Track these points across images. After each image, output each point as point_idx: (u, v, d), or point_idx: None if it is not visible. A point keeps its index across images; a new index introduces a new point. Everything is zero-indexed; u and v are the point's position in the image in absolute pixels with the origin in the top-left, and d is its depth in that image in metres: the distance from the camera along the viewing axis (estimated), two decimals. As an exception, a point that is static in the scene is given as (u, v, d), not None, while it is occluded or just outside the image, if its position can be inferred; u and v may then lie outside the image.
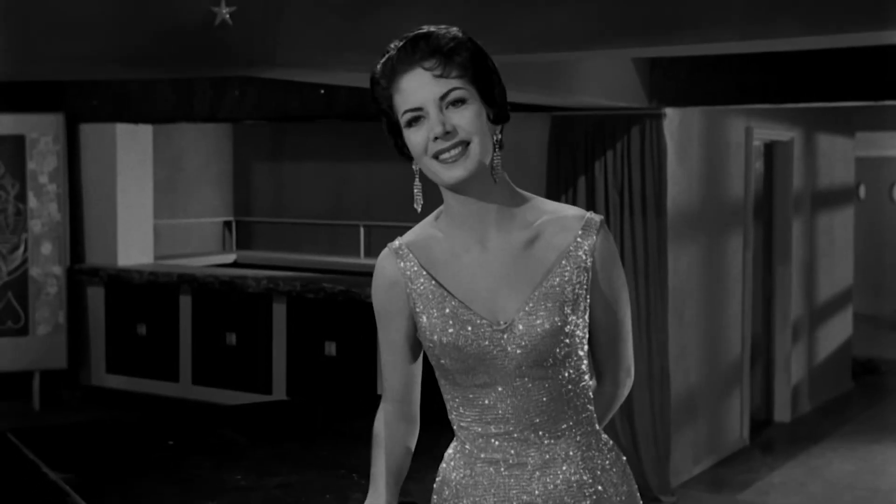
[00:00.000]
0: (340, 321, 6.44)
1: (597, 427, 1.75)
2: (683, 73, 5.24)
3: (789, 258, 7.04)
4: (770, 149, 6.99)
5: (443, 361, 1.69)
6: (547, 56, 3.54)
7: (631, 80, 5.21)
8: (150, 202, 7.56)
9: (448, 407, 1.74)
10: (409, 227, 1.75)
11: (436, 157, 1.62)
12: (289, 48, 3.39)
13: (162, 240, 8.13)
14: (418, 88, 1.62)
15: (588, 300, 1.70)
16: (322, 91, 6.32)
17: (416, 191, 1.67)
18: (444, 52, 1.62)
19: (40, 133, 7.27)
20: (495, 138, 1.68)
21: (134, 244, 7.47)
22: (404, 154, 1.68)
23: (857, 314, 8.41)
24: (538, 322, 1.65)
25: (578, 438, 1.70)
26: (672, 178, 5.43)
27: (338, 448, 1.71)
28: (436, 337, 1.68)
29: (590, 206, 5.41)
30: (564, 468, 1.68)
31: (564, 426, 1.70)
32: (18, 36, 3.63)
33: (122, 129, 7.35)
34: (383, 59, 1.65)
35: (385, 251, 1.74)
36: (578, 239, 1.69)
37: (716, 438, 6.15)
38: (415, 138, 1.63)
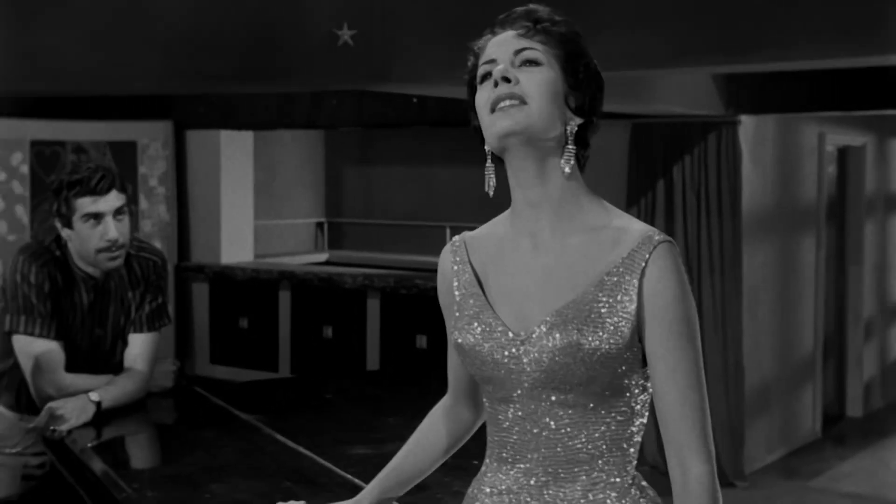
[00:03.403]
0: (431, 316, 6.81)
1: (629, 488, 1.52)
2: (758, 83, 5.54)
3: (862, 259, 7.28)
4: (843, 153, 7.25)
5: (466, 366, 1.59)
6: (632, 73, 3.92)
7: (708, 89, 5.53)
8: (251, 204, 8.03)
9: None
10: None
11: (492, 109, 1.50)
12: (404, 66, 3.82)
13: (259, 239, 8.62)
14: (497, 45, 1.54)
15: (628, 329, 1.48)
16: (414, 100, 6.73)
17: (486, 173, 1.55)
18: (535, 20, 1.54)
19: (151, 139, 7.71)
20: (568, 127, 1.52)
21: (236, 243, 7.93)
22: (482, 136, 1.56)
23: (930, 315, 8.58)
24: (554, 338, 1.48)
25: (593, 494, 1.50)
26: (747, 182, 5.74)
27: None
28: (457, 336, 1.57)
29: (668, 208, 5.77)
30: None
31: (581, 472, 1.51)
32: (166, 56, 4.14)
33: (226, 136, 7.76)
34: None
35: (446, 246, 1.67)
36: (628, 257, 1.49)
37: (788, 430, 6.44)
38: (481, 95, 1.53)
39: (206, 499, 1.92)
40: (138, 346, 2.80)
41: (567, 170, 1.52)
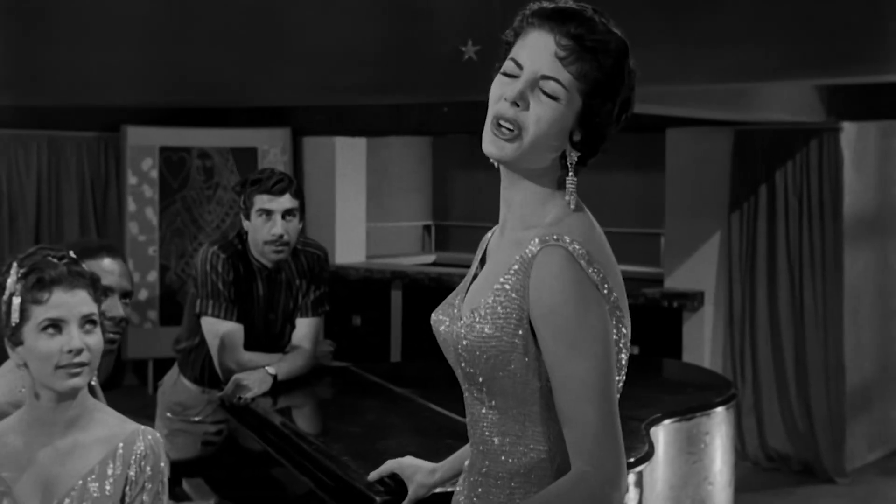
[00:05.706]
0: (537, 314, 7.12)
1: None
2: (860, 91, 5.69)
3: (964, 263, 7.32)
4: (946, 159, 7.31)
5: None
6: (737, 86, 4.16)
7: (810, 97, 5.70)
8: (364, 207, 8.39)
9: None
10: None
11: (493, 119, 1.49)
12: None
13: (369, 241, 9.00)
14: (533, 51, 1.47)
15: (511, 329, 1.47)
16: (519, 107, 7.02)
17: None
18: (583, 44, 1.45)
19: (270, 145, 8.08)
20: (569, 157, 1.50)
21: (349, 244, 8.27)
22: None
23: None
24: (468, 329, 1.51)
25: (491, 490, 1.54)
26: (848, 186, 5.89)
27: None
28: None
29: (770, 212, 5.98)
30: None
31: (504, 477, 1.53)
32: (304, 70, 4.54)
33: (341, 142, 8.06)
34: (537, 4, 1.52)
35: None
36: (523, 257, 1.47)
37: (890, 430, 6.55)
38: (496, 88, 1.51)
39: (381, 451, 2.26)
40: (304, 329, 3.20)
41: (573, 206, 1.51)
